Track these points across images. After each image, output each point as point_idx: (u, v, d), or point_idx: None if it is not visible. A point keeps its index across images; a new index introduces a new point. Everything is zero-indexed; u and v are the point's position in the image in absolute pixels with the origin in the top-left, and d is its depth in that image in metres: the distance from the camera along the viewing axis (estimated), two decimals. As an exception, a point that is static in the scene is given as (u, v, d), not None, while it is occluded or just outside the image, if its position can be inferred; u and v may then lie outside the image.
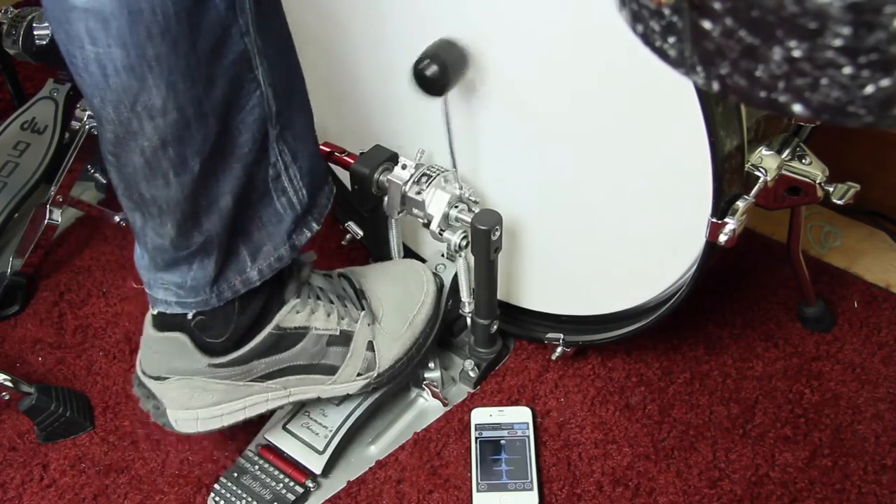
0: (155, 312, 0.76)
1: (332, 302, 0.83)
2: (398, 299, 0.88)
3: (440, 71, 0.72)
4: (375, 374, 0.85)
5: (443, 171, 0.85)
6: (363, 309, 0.85)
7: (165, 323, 0.76)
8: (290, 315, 0.79)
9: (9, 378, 0.89)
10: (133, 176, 0.66)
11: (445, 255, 0.93)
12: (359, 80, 0.91)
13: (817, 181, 0.74)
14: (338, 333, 0.82)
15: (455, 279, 0.92)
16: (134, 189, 0.67)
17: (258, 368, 0.79)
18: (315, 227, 0.78)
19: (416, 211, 0.85)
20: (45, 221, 1.07)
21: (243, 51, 0.64)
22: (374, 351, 0.84)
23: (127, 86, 0.60)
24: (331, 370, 0.83)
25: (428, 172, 0.85)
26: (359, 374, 0.84)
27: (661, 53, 0.36)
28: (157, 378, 0.78)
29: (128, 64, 0.59)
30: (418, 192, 0.84)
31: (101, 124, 0.64)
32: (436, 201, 0.84)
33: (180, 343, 0.76)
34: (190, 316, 0.75)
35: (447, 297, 0.92)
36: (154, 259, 0.72)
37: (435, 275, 0.91)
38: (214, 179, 0.68)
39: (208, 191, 0.68)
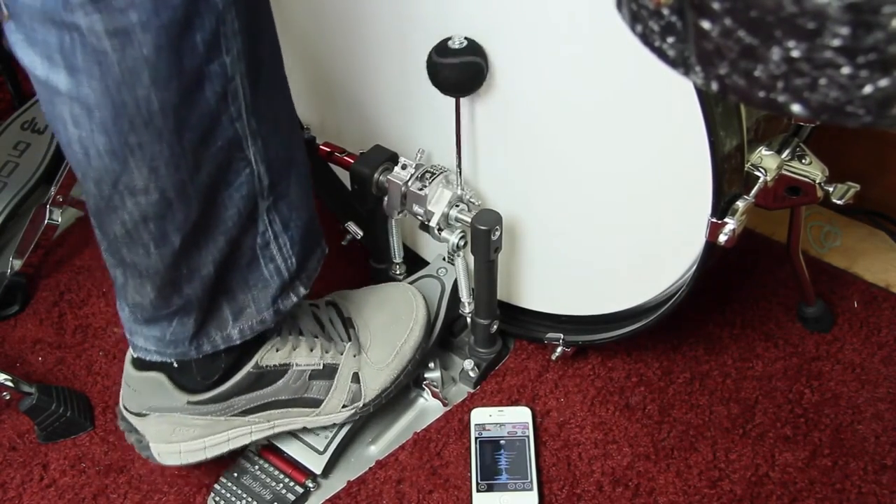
0: (135, 356, 0.76)
1: (315, 336, 0.82)
2: (387, 328, 0.87)
3: (468, 75, 0.73)
4: (361, 405, 0.84)
5: (444, 171, 0.85)
6: (350, 339, 0.84)
7: (144, 363, 0.76)
8: (270, 353, 0.79)
9: (9, 378, 0.89)
10: (115, 241, 0.67)
11: (446, 258, 0.93)
12: (359, 79, 0.91)
13: (817, 181, 0.74)
14: (321, 367, 0.82)
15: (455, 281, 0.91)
16: (116, 251, 0.68)
17: (238, 404, 0.79)
18: (302, 291, 0.77)
19: (416, 210, 0.85)
20: (45, 221, 1.07)
21: (233, 136, 0.63)
22: (359, 383, 0.84)
23: (109, 168, 0.61)
24: (314, 403, 0.83)
25: (430, 170, 0.85)
26: (344, 406, 0.84)
27: (660, 53, 0.36)
28: (138, 414, 0.79)
29: (110, 149, 0.59)
30: (421, 188, 0.84)
31: (84, 192, 0.65)
32: (436, 200, 0.84)
33: (158, 382, 0.76)
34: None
35: (448, 299, 0.92)
36: (134, 313, 0.72)
37: (426, 299, 0.90)
38: (196, 251, 0.67)
39: (189, 261, 0.68)
